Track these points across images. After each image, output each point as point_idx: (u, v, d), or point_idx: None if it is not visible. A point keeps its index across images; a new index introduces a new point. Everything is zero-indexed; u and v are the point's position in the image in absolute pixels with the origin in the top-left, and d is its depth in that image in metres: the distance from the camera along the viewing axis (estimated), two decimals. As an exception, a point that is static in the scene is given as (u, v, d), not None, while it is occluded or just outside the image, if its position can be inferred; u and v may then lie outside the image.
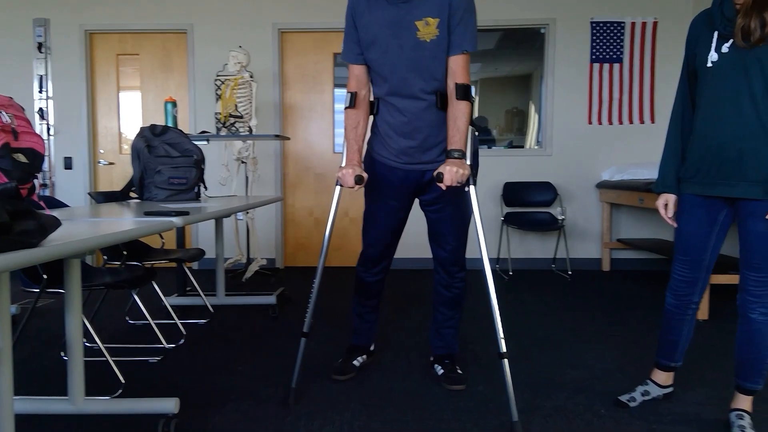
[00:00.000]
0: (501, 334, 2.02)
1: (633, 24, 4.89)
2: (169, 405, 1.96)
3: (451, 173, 1.98)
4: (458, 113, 2.08)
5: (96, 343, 2.49)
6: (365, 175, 2.13)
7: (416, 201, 2.38)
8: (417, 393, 2.31)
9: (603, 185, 4.90)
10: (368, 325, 2.55)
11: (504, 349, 2.02)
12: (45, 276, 2.25)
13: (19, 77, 5.07)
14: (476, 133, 2.23)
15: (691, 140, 1.95)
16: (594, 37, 4.92)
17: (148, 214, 2.04)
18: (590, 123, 5.00)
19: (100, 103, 5.27)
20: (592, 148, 5.03)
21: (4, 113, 1.75)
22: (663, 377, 2.18)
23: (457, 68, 2.09)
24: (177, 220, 1.92)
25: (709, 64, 1.88)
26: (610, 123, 4.98)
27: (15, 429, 1.59)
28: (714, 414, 2.12)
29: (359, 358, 2.53)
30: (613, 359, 2.70)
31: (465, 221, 2.31)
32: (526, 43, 5.10)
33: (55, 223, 1.29)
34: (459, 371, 2.39)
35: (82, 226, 1.66)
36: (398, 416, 2.09)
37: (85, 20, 5.11)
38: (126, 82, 5.27)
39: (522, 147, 5.16)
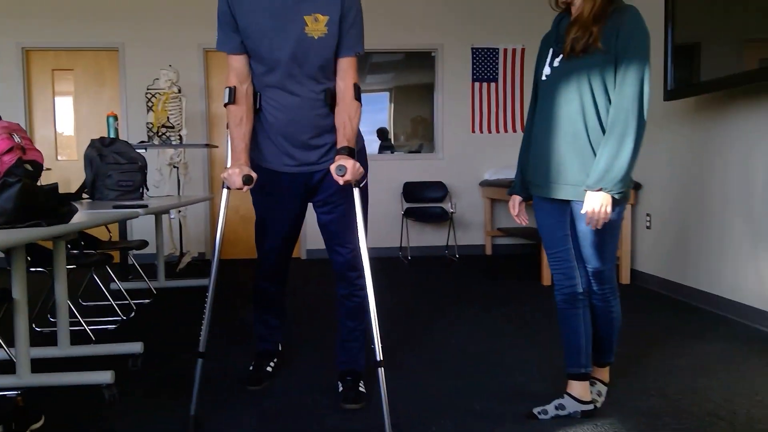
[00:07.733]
0: (378, 342, 1.95)
1: (505, 50, 5.93)
2: (137, 347, 2.66)
3: (353, 168, 1.92)
4: (352, 113, 2.05)
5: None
6: (254, 174, 1.99)
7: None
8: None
9: (485, 183, 5.90)
10: (272, 330, 2.46)
11: (380, 357, 1.94)
12: (29, 258, 2.88)
13: (-43, 90, 5.46)
14: (362, 134, 2.23)
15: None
16: (474, 61, 5.92)
17: (116, 207, 2.73)
18: (473, 132, 6.00)
19: (37, 114, 5.72)
20: (476, 152, 6.02)
21: (16, 135, 2.39)
22: (578, 389, 2.05)
23: (350, 69, 2.07)
24: (141, 211, 2.62)
25: (543, 78, 1.99)
26: (489, 132, 6.00)
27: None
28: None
29: (271, 363, 2.44)
30: (473, 310, 3.64)
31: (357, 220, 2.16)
32: (431, 57, 5.98)
33: (76, 210, 2.00)
34: (360, 389, 2.26)
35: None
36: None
37: (22, 38, 5.56)
38: (61, 94, 5.76)
39: (419, 152, 6.08)
